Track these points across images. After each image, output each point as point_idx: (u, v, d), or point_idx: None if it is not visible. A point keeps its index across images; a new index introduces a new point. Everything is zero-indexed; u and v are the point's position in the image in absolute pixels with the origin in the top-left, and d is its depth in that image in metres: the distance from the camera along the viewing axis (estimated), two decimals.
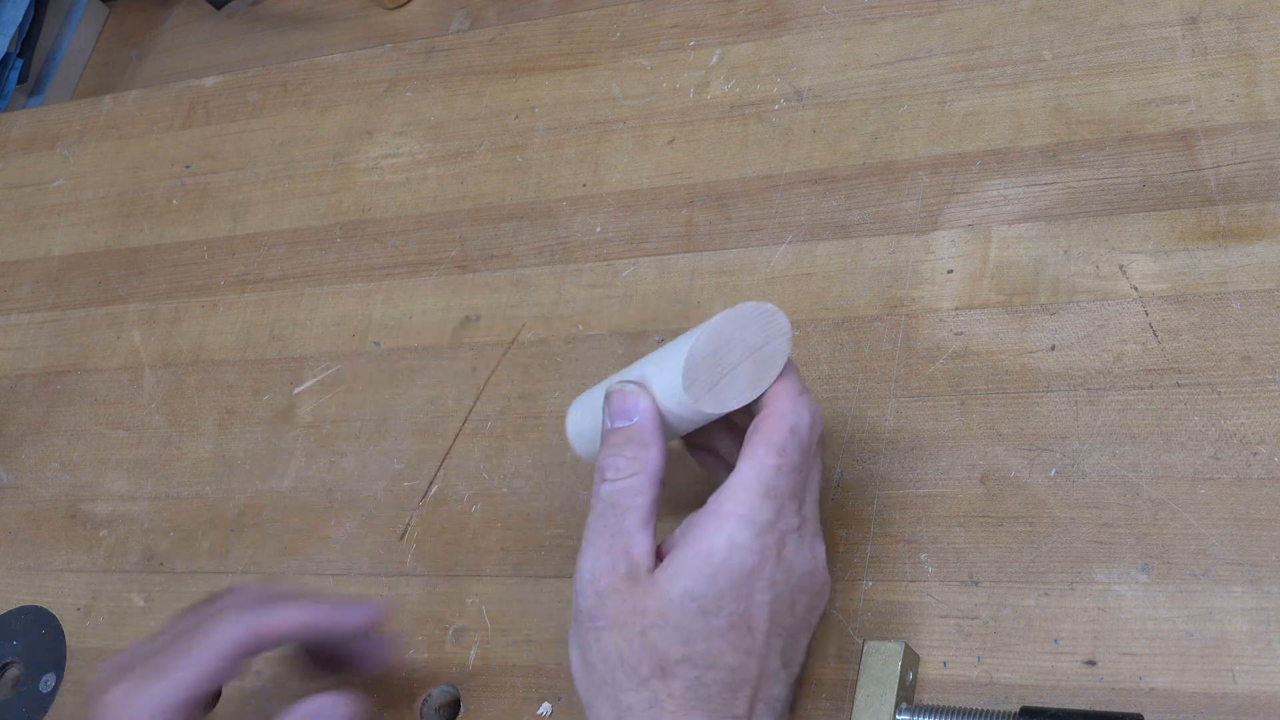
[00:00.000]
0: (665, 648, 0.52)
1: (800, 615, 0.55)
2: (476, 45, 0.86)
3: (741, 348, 0.54)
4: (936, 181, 0.68)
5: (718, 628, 0.52)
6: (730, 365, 0.54)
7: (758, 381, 0.55)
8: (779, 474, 0.53)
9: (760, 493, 0.53)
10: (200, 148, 0.92)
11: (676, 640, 0.52)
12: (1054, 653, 0.56)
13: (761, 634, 0.53)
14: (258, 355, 0.81)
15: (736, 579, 0.52)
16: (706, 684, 0.52)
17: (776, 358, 0.55)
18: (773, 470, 0.53)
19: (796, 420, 0.54)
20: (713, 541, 0.52)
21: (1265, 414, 0.57)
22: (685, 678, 0.52)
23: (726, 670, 0.52)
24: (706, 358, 0.54)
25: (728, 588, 0.52)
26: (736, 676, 0.52)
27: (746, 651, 0.53)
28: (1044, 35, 0.70)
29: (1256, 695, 0.52)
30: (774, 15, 0.78)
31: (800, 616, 0.55)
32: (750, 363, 0.55)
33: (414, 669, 0.66)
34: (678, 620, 0.52)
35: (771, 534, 0.53)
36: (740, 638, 0.52)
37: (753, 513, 0.52)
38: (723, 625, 0.52)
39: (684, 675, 0.52)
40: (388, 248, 0.81)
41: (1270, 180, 0.62)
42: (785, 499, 0.53)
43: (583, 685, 0.54)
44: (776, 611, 0.53)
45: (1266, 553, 0.54)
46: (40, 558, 0.80)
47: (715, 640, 0.52)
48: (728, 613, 0.52)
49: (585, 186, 0.78)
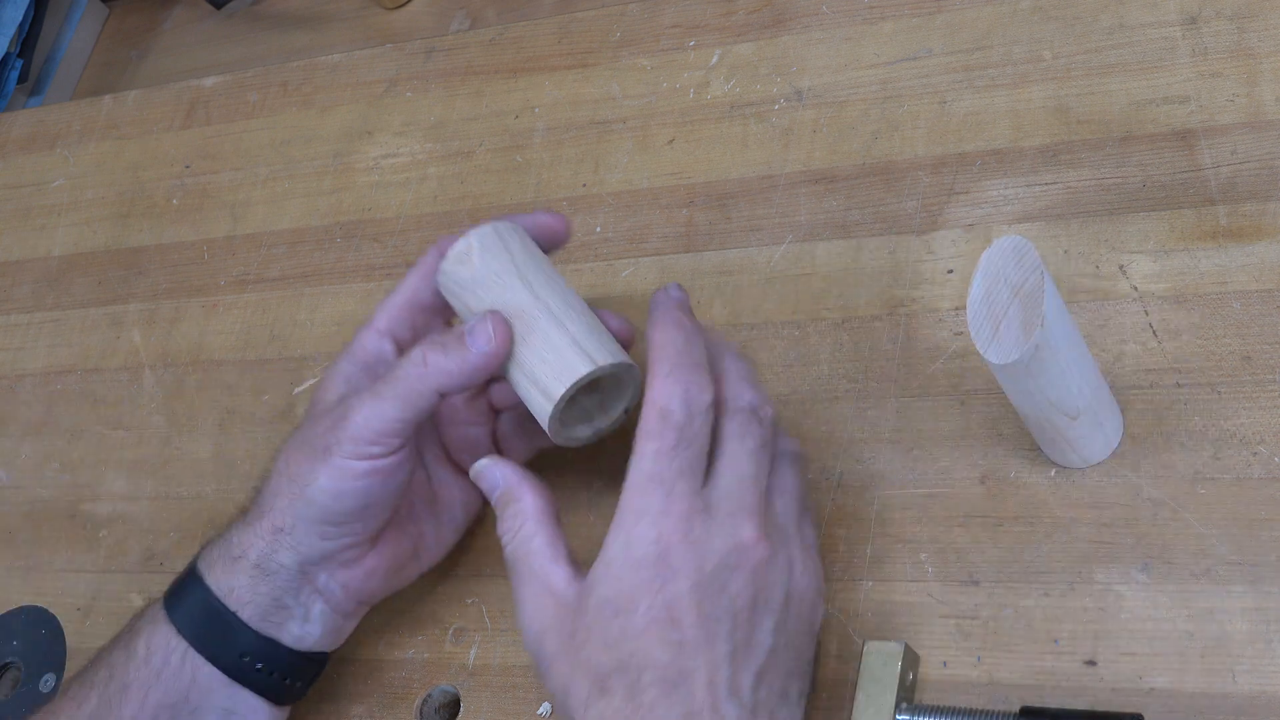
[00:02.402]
0: (596, 661, 0.51)
1: (741, 597, 0.52)
2: (476, 45, 0.86)
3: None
4: (936, 181, 0.69)
5: (637, 626, 0.51)
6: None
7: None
8: (657, 458, 0.52)
9: (643, 481, 0.52)
10: (200, 148, 0.92)
11: (602, 649, 0.51)
12: (1054, 653, 0.56)
13: (689, 624, 0.51)
14: (258, 355, 0.81)
15: (644, 574, 0.51)
16: (642, 688, 0.50)
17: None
18: (650, 456, 0.53)
19: (664, 402, 0.53)
20: (613, 545, 0.52)
21: (1265, 414, 0.57)
22: (621, 687, 0.51)
23: (658, 668, 0.50)
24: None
25: (636, 584, 0.51)
26: (671, 672, 0.50)
27: (678, 644, 0.51)
28: (1044, 35, 0.70)
29: (1256, 695, 0.52)
30: (774, 15, 0.78)
31: (742, 598, 0.52)
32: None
33: (414, 669, 0.67)
34: (599, 629, 0.51)
35: (667, 519, 0.52)
36: (665, 631, 0.51)
37: (641, 502, 0.52)
38: (642, 623, 0.51)
39: (619, 686, 0.51)
40: (388, 248, 0.81)
41: (1270, 180, 0.62)
42: (673, 480, 0.52)
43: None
44: (702, 597, 0.51)
45: (1266, 553, 0.54)
46: (40, 558, 0.80)
47: (638, 639, 0.51)
48: (644, 609, 0.51)
49: (585, 186, 0.78)
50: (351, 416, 0.58)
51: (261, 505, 0.60)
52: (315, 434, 0.59)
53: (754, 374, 0.57)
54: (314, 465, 0.58)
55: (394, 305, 0.63)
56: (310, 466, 0.58)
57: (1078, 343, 0.54)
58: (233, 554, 0.60)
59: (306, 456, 0.58)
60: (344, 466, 0.58)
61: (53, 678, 0.75)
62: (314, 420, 0.60)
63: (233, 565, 0.59)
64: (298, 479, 0.58)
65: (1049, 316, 0.50)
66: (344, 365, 0.62)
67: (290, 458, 0.59)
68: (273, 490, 0.59)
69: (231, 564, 0.59)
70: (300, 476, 0.58)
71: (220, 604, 0.59)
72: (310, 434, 0.59)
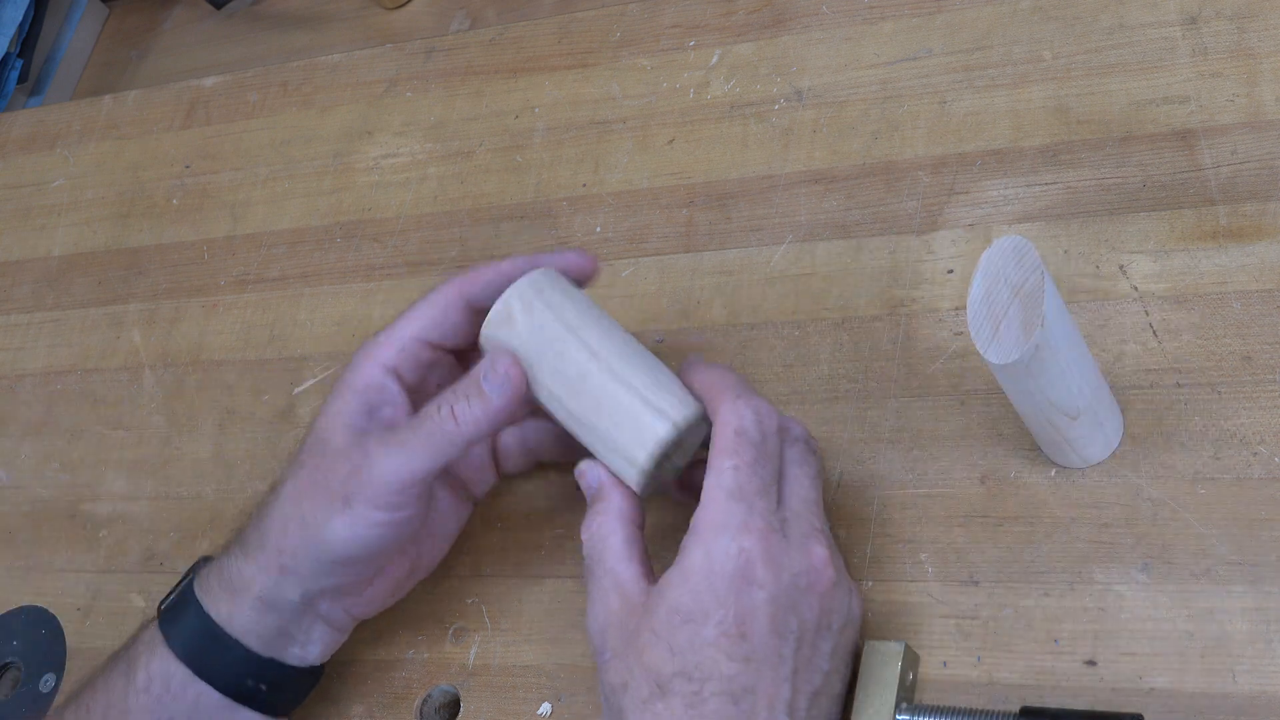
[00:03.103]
0: (659, 665, 0.52)
1: (809, 618, 0.53)
2: (476, 45, 0.86)
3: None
4: (936, 181, 0.68)
5: (707, 637, 0.51)
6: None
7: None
8: (737, 474, 0.53)
9: (724, 497, 0.53)
10: (200, 148, 0.92)
11: (667, 655, 0.52)
12: (1054, 653, 0.56)
13: (759, 639, 0.51)
14: (258, 355, 0.81)
15: (720, 587, 0.52)
16: (704, 698, 0.51)
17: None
18: (730, 473, 0.53)
19: (739, 422, 0.54)
20: (692, 555, 0.53)
21: (1265, 414, 0.57)
22: (682, 693, 0.51)
23: (723, 680, 0.51)
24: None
25: (712, 596, 0.52)
26: (736, 686, 0.51)
27: (745, 659, 0.51)
28: (1044, 35, 0.70)
29: (1256, 695, 0.52)
30: (774, 15, 0.78)
31: (809, 619, 0.53)
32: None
33: (414, 669, 0.66)
34: (666, 635, 0.52)
35: (748, 535, 0.52)
36: (734, 645, 0.51)
37: (723, 518, 0.53)
38: (712, 634, 0.51)
39: (681, 691, 0.51)
40: (388, 248, 0.81)
41: (1270, 180, 0.62)
42: (753, 497, 0.53)
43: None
44: (775, 614, 0.52)
45: (1266, 553, 0.54)
46: (40, 558, 0.80)
47: (706, 650, 0.51)
48: (716, 620, 0.51)
49: (585, 186, 0.78)
50: (375, 467, 0.57)
51: (265, 540, 0.59)
52: (333, 479, 0.58)
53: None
54: (331, 511, 0.57)
55: (401, 339, 0.61)
56: (327, 512, 0.57)
57: (1078, 343, 0.54)
58: (234, 585, 0.59)
59: (323, 502, 0.58)
60: (365, 516, 0.57)
61: (53, 678, 0.75)
62: (323, 459, 0.59)
63: (234, 597, 0.59)
64: (312, 523, 0.58)
65: (1049, 316, 0.50)
66: (348, 399, 0.60)
67: (303, 499, 0.58)
68: (279, 528, 0.59)
69: (233, 595, 0.59)
70: (315, 520, 0.58)
71: (222, 631, 0.59)
72: (325, 477, 0.58)
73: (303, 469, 0.59)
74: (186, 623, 0.60)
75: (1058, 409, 0.54)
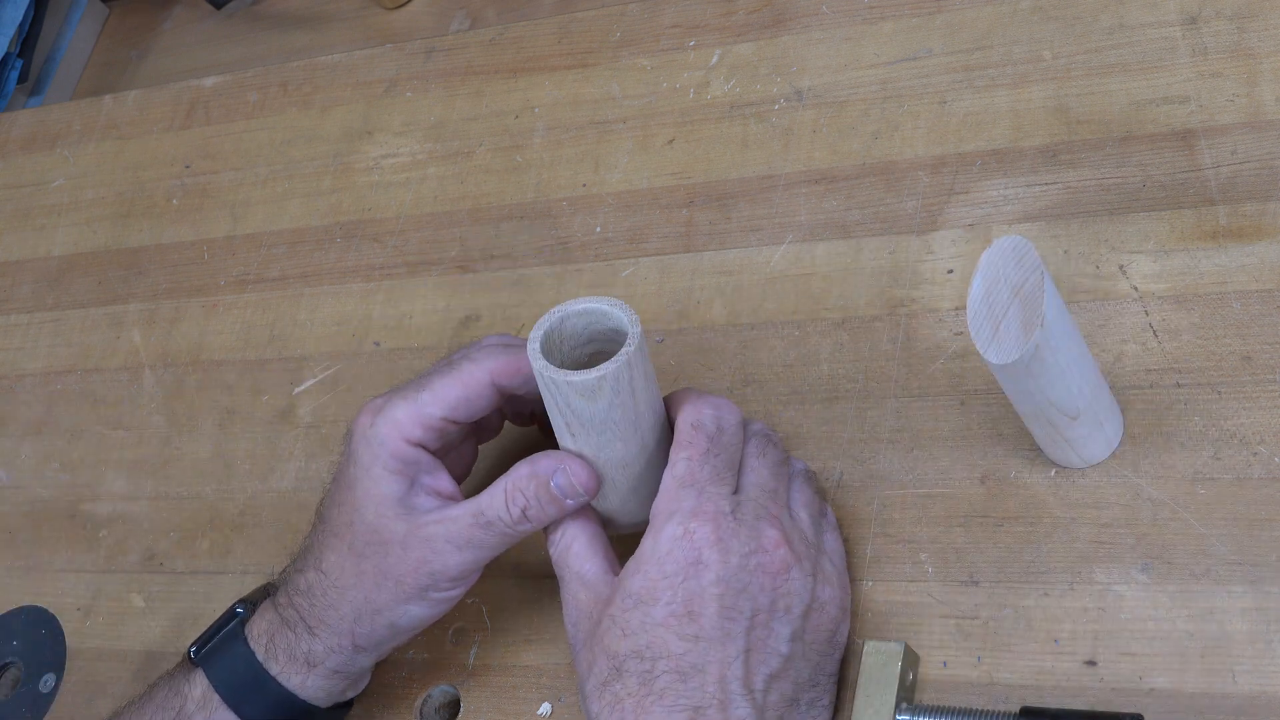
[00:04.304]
0: (615, 646, 0.54)
1: (761, 600, 0.54)
2: (476, 45, 0.86)
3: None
4: (936, 181, 0.68)
5: (657, 618, 0.53)
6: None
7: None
8: (689, 464, 0.56)
9: (675, 486, 0.55)
10: (200, 148, 0.92)
11: (620, 636, 0.54)
12: (1054, 653, 0.56)
13: (708, 620, 0.53)
14: (258, 355, 0.81)
15: (669, 568, 0.54)
16: (656, 675, 0.53)
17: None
18: (683, 463, 0.56)
19: (695, 417, 0.57)
20: (644, 543, 0.55)
21: (1265, 414, 0.57)
22: (636, 672, 0.53)
23: (673, 659, 0.53)
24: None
25: (662, 579, 0.54)
26: (685, 663, 0.53)
27: (694, 637, 0.53)
28: (1044, 35, 0.70)
29: (1256, 695, 0.52)
30: (774, 15, 0.78)
31: (762, 601, 0.54)
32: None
33: (414, 669, 0.67)
34: (621, 618, 0.54)
35: (695, 519, 0.54)
36: (682, 624, 0.53)
37: (674, 504, 0.55)
38: (661, 614, 0.53)
39: (635, 670, 0.53)
40: (388, 248, 0.81)
41: (1270, 180, 0.62)
42: (704, 484, 0.55)
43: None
44: (724, 595, 0.53)
45: (1266, 553, 0.54)
46: (40, 558, 0.80)
47: (656, 630, 0.53)
48: (664, 601, 0.53)
49: (585, 186, 0.78)
50: (446, 559, 0.58)
51: (330, 621, 0.60)
52: (402, 570, 0.58)
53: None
54: (406, 601, 0.59)
55: (429, 418, 0.59)
56: (402, 603, 0.59)
57: (1078, 343, 0.54)
58: (308, 660, 0.60)
59: (397, 594, 0.59)
60: (440, 598, 0.60)
61: (53, 678, 0.75)
62: (386, 552, 0.58)
63: (310, 670, 0.60)
64: (386, 610, 0.59)
65: (1049, 316, 0.50)
66: (388, 482, 0.59)
67: (373, 591, 0.59)
68: (350, 615, 0.60)
69: (308, 669, 0.60)
70: (390, 608, 0.59)
71: (299, 700, 0.61)
72: (393, 568, 0.58)
73: (364, 560, 0.59)
74: (262, 699, 0.61)
75: (1058, 409, 0.54)
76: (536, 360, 0.55)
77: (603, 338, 0.58)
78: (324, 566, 0.60)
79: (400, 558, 0.58)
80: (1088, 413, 0.55)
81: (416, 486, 0.59)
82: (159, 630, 0.74)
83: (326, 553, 0.60)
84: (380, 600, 0.59)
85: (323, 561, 0.60)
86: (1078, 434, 0.56)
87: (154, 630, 0.74)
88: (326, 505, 0.62)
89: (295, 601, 0.61)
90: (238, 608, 0.63)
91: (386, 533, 0.59)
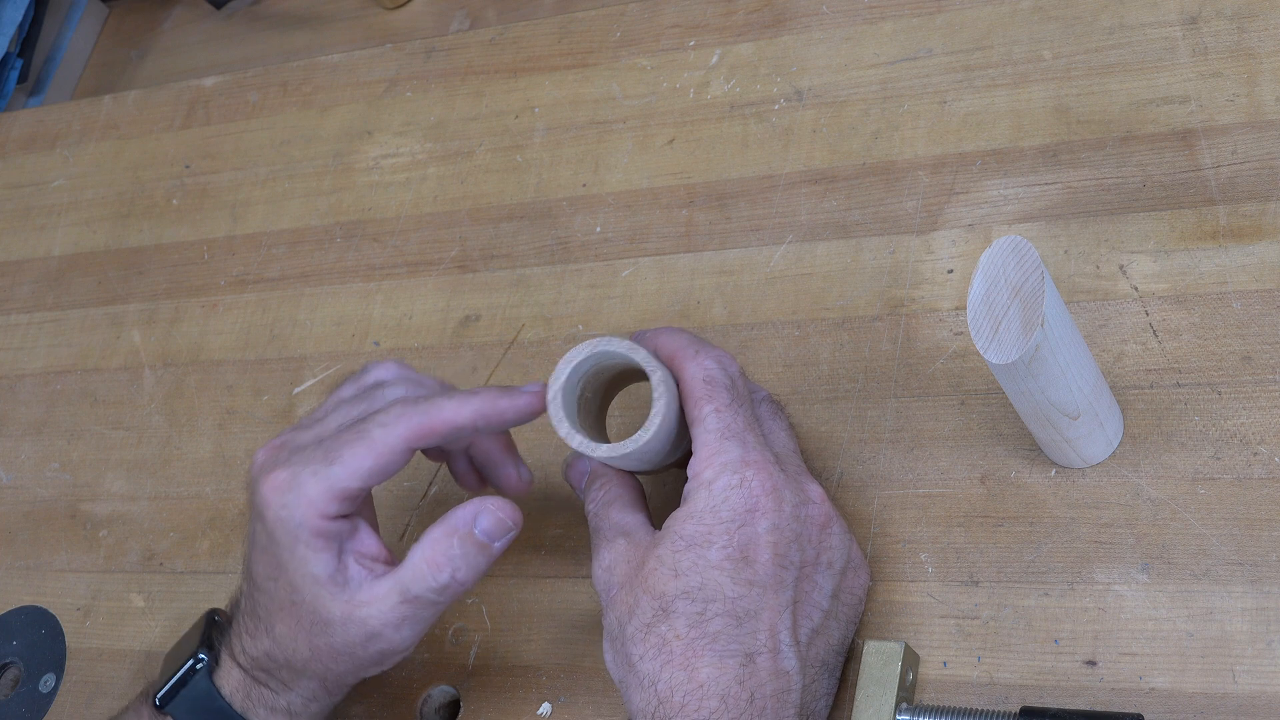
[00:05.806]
0: (663, 587, 0.53)
1: (810, 551, 0.55)
2: (476, 45, 0.86)
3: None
4: (936, 181, 0.69)
5: (712, 560, 0.53)
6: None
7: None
8: (720, 415, 0.55)
9: (717, 438, 0.55)
10: (200, 148, 0.92)
11: (671, 576, 0.53)
12: (1054, 653, 0.56)
13: (764, 565, 0.53)
14: (258, 355, 0.81)
15: (725, 514, 0.53)
16: (708, 618, 0.52)
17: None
18: (714, 416, 0.55)
19: (704, 372, 0.56)
20: (696, 496, 0.54)
21: (1265, 414, 0.57)
22: (686, 613, 0.52)
23: (727, 601, 0.52)
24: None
25: (717, 523, 0.53)
26: (739, 608, 0.52)
27: (749, 583, 0.53)
28: (1044, 35, 0.70)
29: (1256, 695, 0.52)
30: (774, 15, 0.78)
31: (810, 552, 0.55)
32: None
33: (414, 669, 0.66)
34: (670, 559, 0.53)
35: (749, 468, 0.54)
36: (738, 569, 0.53)
37: (721, 456, 0.54)
38: (717, 557, 0.53)
39: (684, 611, 0.52)
40: (388, 248, 0.81)
41: (1270, 180, 0.62)
42: (743, 433, 0.55)
43: (611, 668, 0.55)
44: (778, 542, 0.54)
45: (1266, 553, 0.54)
46: (40, 558, 0.80)
47: (710, 572, 0.53)
48: (720, 544, 0.53)
49: (585, 186, 0.78)
50: (386, 639, 0.57)
51: (302, 679, 0.59)
52: (354, 647, 0.57)
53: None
54: (366, 669, 0.59)
55: (344, 491, 0.56)
56: (363, 669, 0.59)
57: (1078, 343, 0.54)
58: (289, 712, 0.60)
59: (353, 665, 0.58)
60: (399, 654, 0.59)
61: (52, 678, 0.75)
62: (330, 633, 0.57)
63: (293, 717, 0.60)
64: (350, 675, 0.59)
65: (1049, 316, 0.50)
66: (317, 559, 0.56)
67: (330, 664, 0.58)
68: (318, 674, 0.58)
69: (291, 716, 0.60)
70: (353, 674, 0.59)
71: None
72: (344, 645, 0.57)
73: (315, 637, 0.57)
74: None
75: (1058, 409, 0.54)
76: (597, 451, 0.56)
77: (592, 360, 0.57)
78: (276, 635, 0.58)
79: (345, 637, 0.57)
80: (1088, 413, 0.55)
81: (345, 555, 0.57)
82: (159, 630, 0.74)
83: (276, 623, 0.58)
84: (340, 670, 0.58)
85: (274, 630, 0.58)
86: (1078, 434, 0.56)
87: (154, 630, 0.74)
88: (259, 574, 0.58)
89: (259, 662, 0.59)
90: (200, 654, 0.60)
91: (325, 613, 0.57)
